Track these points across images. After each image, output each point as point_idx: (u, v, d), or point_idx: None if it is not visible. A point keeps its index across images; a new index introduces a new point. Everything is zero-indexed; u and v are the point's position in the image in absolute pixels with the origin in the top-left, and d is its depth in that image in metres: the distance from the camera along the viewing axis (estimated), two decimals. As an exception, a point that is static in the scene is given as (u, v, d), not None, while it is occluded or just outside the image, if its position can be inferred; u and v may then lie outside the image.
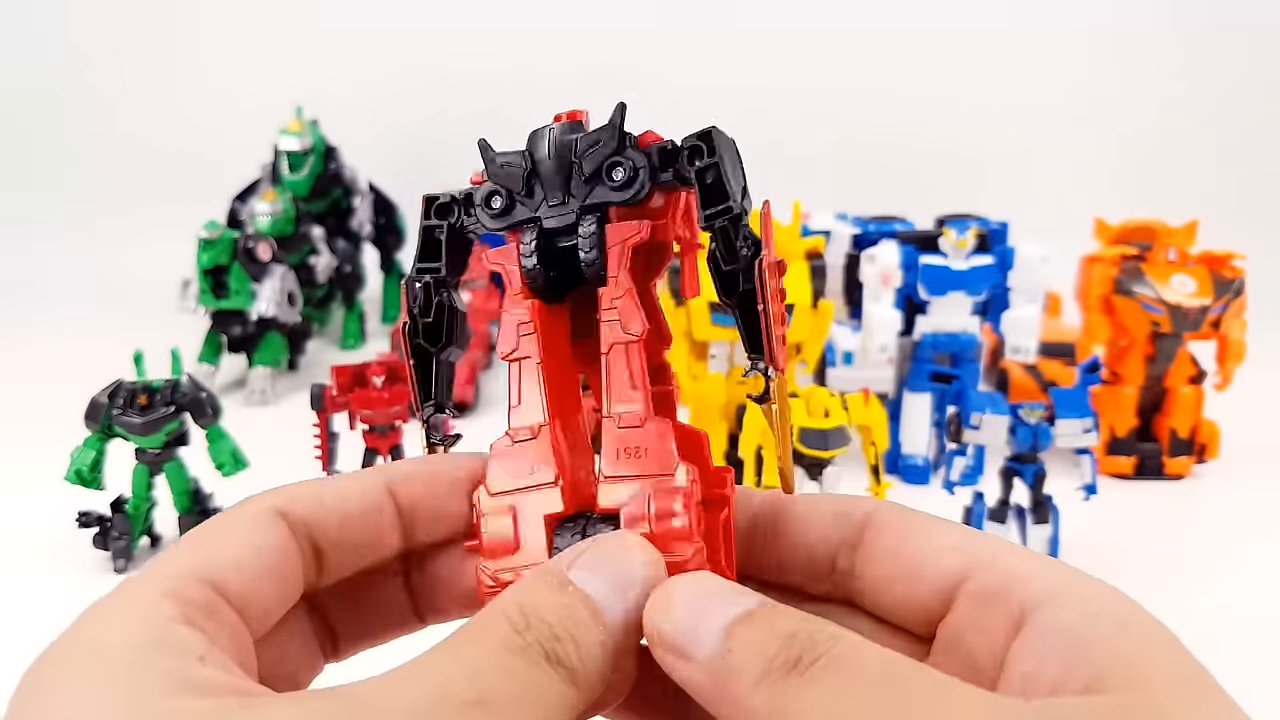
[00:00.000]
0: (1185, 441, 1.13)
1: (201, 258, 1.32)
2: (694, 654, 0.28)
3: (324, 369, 1.05)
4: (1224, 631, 0.79)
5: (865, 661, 0.27)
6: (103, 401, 0.90)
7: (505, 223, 0.36)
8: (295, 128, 1.59)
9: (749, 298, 0.34)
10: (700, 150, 0.34)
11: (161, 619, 0.27)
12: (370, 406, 0.89)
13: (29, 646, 0.27)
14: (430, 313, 0.38)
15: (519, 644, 0.27)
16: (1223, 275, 1.13)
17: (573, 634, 0.28)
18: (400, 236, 1.77)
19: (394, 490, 0.35)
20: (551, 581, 0.30)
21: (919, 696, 0.26)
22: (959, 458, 0.91)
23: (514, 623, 0.28)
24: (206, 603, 0.29)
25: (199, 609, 0.28)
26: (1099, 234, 1.32)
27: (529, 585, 0.30)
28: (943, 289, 1.10)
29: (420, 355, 0.39)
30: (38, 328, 1.69)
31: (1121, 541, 0.96)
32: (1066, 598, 0.29)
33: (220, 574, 0.30)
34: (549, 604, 0.29)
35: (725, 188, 0.34)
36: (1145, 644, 0.27)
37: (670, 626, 0.29)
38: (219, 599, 0.29)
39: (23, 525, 0.98)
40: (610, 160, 0.35)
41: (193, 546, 0.31)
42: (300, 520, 0.33)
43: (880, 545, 0.34)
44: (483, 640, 0.28)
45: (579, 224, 0.35)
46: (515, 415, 0.35)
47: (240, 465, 0.93)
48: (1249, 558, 0.95)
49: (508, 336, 0.36)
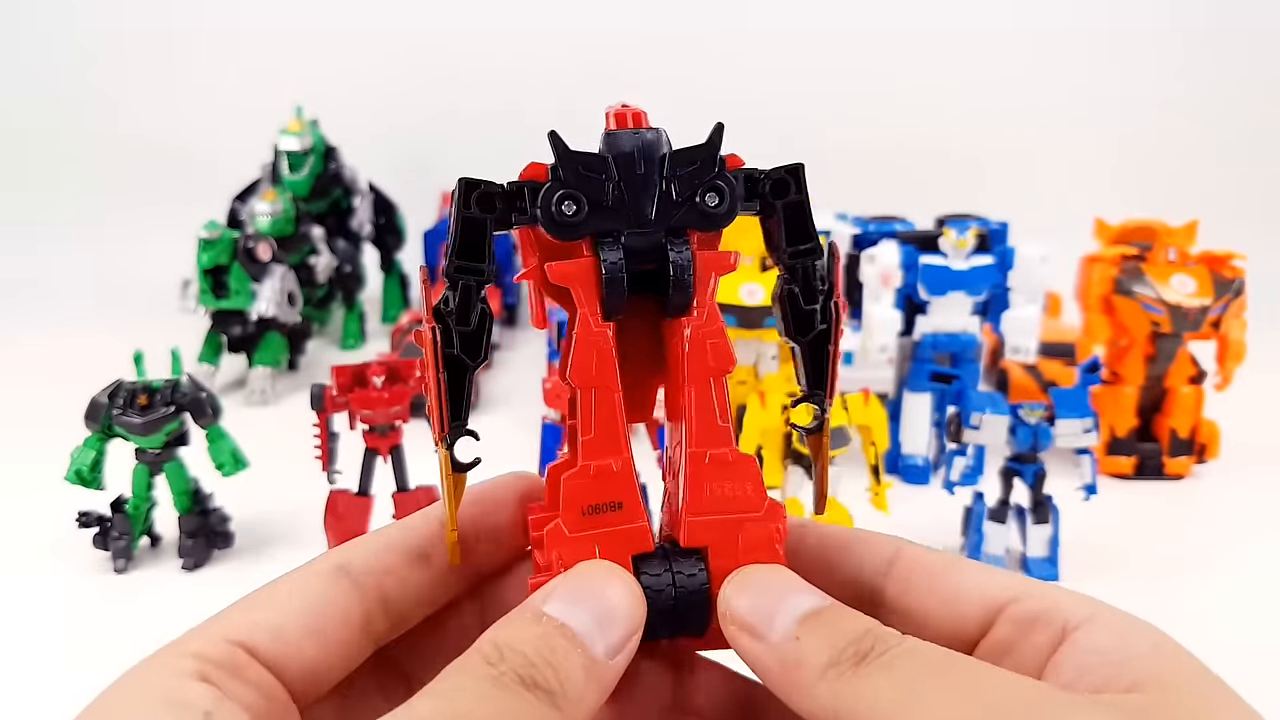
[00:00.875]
0: (1185, 441, 1.13)
1: (201, 258, 1.32)
2: (764, 635, 0.30)
3: (324, 369, 1.05)
4: (1224, 631, 0.79)
5: (931, 653, 0.28)
6: (103, 401, 0.90)
7: (577, 233, 0.33)
8: (295, 128, 1.59)
9: (822, 338, 0.35)
10: (787, 184, 0.34)
11: (176, 676, 0.28)
12: (370, 406, 0.89)
13: (29, 646, 0.27)
14: (470, 320, 0.34)
15: (493, 674, 0.28)
16: (1223, 275, 1.13)
17: (549, 660, 0.29)
18: (400, 236, 1.77)
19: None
20: (526, 616, 0.31)
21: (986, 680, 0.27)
22: (959, 458, 0.91)
23: (487, 656, 0.29)
24: (232, 662, 0.29)
25: (222, 668, 0.29)
26: (1099, 234, 1.32)
27: (505, 622, 0.31)
28: (943, 289, 1.10)
29: (454, 369, 0.34)
30: (37, 327, 1.69)
31: (1121, 541, 0.96)
32: (1103, 621, 0.30)
33: (257, 634, 0.30)
34: (524, 635, 0.30)
35: (809, 226, 0.35)
36: (1178, 665, 0.29)
37: (745, 605, 0.31)
38: (247, 658, 0.30)
39: (23, 525, 0.98)
40: (708, 184, 0.33)
41: (248, 604, 0.32)
42: (363, 574, 0.33)
43: (910, 580, 0.35)
44: (459, 675, 0.29)
45: (668, 247, 0.33)
46: (590, 447, 0.33)
47: (240, 465, 0.93)
48: (1249, 558, 0.95)
49: (584, 362, 0.33)
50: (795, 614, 0.30)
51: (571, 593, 0.31)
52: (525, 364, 1.54)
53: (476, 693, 0.28)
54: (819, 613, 0.30)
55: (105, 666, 0.30)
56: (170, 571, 0.91)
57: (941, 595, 0.34)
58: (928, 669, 0.28)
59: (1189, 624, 0.29)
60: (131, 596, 0.88)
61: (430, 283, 0.34)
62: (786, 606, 0.31)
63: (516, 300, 1.78)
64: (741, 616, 0.31)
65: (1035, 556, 0.90)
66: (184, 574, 0.91)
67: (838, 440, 0.90)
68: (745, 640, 0.31)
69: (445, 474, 0.34)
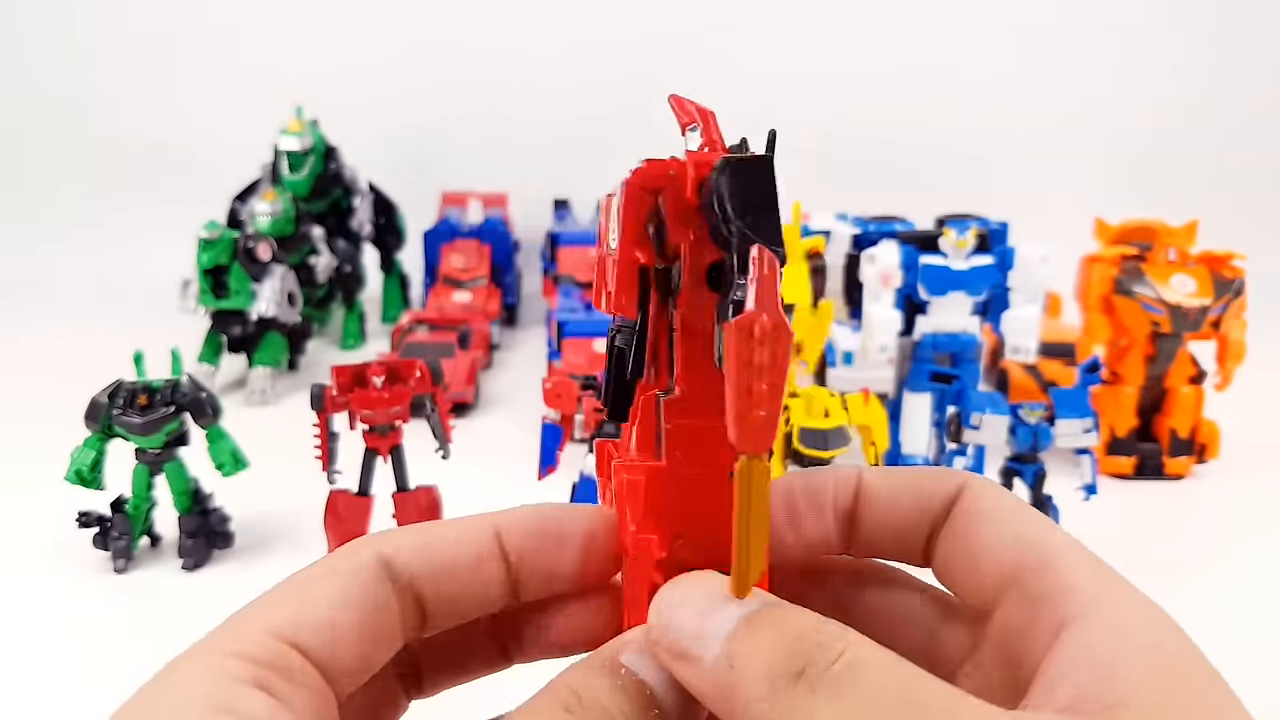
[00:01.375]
0: (1185, 441, 1.13)
1: (201, 258, 1.32)
2: (697, 658, 0.28)
3: (324, 369, 1.05)
4: (1224, 631, 0.79)
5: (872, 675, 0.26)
6: (103, 401, 0.90)
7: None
8: (295, 128, 1.59)
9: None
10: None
11: (229, 682, 0.26)
12: (370, 406, 0.89)
13: (29, 646, 0.27)
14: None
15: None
16: (1223, 275, 1.13)
17: (625, 711, 0.28)
18: (400, 236, 1.77)
19: (504, 542, 0.33)
20: (603, 666, 0.29)
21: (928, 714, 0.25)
22: (959, 457, 0.91)
23: (566, 703, 0.28)
24: (284, 663, 0.27)
25: (274, 670, 0.27)
26: (1099, 234, 1.32)
27: (580, 669, 0.30)
28: (943, 289, 1.10)
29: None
30: (37, 327, 1.69)
31: (1121, 542, 0.96)
32: (1102, 615, 0.28)
33: (306, 633, 0.28)
34: (599, 685, 0.29)
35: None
36: (1171, 672, 0.27)
37: (670, 633, 0.29)
38: (299, 659, 0.28)
39: (23, 525, 0.98)
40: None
41: (286, 598, 0.29)
42: (405, 571, 0.31)
43: (955, 526, 0.33)
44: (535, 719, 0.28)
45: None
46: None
47: (240, 465, 0.93)
48: (1249, 558, 0.95)
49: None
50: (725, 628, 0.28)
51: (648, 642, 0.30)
52: (525, 364, 1.54)
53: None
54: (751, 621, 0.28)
55: (106, 666, 0.30)
56: (170, 571, 0.91)
57: (968, 555, 0.32)
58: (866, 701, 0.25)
59: (1189, 624, 0.29)
60: (131, 596, 0.88)
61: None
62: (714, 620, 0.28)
63: (516, 300, 1.78)
64: (669, 645, 0.29)
65: (1035, 556, 0.90)
66: (184, 574, 0.91)
67: (838, 440, 0.90)
68: (679, 667, 0.28)
69: (760, 491, 0.29)
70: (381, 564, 0.31)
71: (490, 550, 0.33)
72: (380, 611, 0.30)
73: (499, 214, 1.79)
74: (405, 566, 0.31)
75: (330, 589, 0.30)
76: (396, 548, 0.31)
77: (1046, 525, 0.32)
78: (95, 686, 0.73)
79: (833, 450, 0.90)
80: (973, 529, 0.33)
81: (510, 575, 0.33)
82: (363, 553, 0.31)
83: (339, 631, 0.29)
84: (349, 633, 0.29)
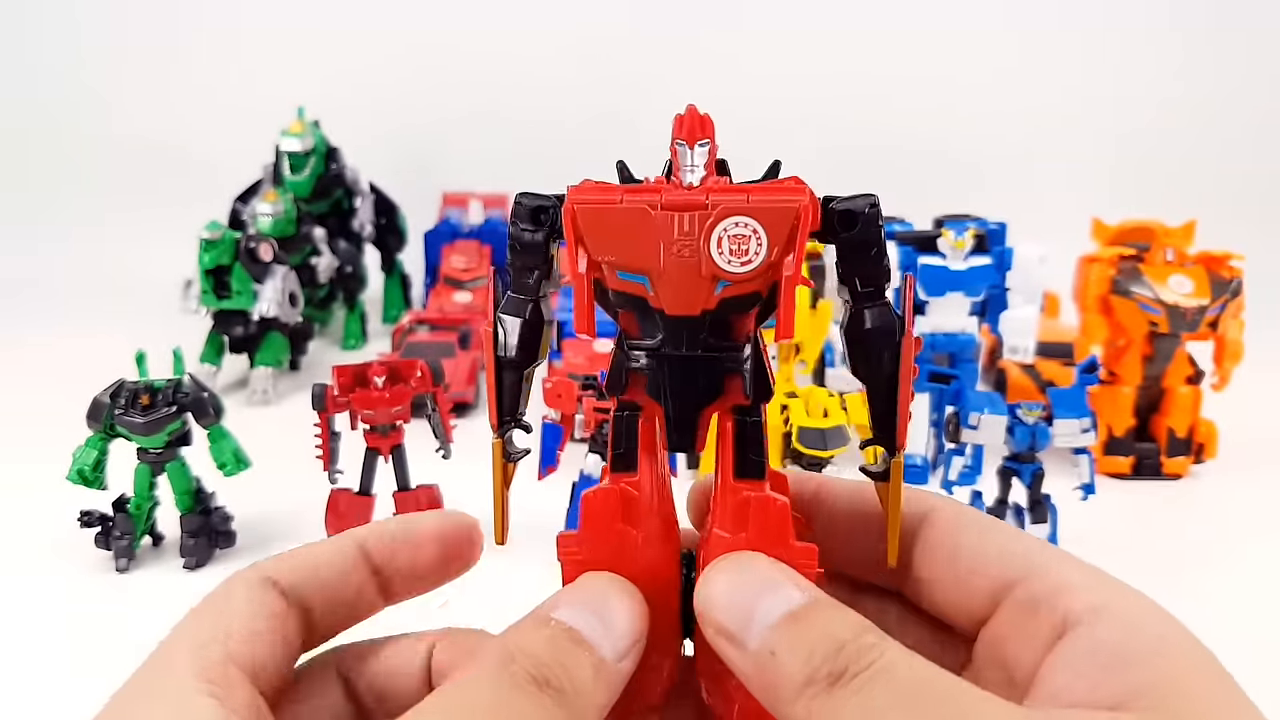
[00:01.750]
0: (1183, 441, 1.13)
1: (203, 258, 1.32)
2: (742, 642, 0.30)
3: (325, 369, 1.06)
4: (1222, 631, 0.80)
5: (904, 676, 0.28)
6: (105, 401, 0.90)
7: None
8: (297, 129, 1.59)
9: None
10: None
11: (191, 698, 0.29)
12: (371, 406, 0.90)
13: (31, 646, 0.28)
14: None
15: (507, 673, 0.29)
16: (1220, 275, 1.13)
17: (560, 660, 0.30)
18: (401, 237, 1.78)
19: (369, 552, 0.36)
20: (536, 620, 0.32)
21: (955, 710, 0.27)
22: (957, 457, 0.92)
23: (501, 657, 0.30)
24: (226, 677, 0.30)
25: (221, 683, 0.30)
26: (1097, 234, 1.32)
27: (516, 627, 0.32)
28: (941, 289, 1.10)
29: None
30: (40, 327, 1.70)
31: (1119, 541, 0.97)
32: (1108, 613, 0.29)
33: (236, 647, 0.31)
34: (534, 638, 0.31)
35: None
36: (1180, 665, 0.28)
37: (717, 613, 0.31)
38: (237, 671, 0.31)
39: (24, 525, 0.99)
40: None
41: (206, 618, 0.32)
42: (290, 586, 0.34)
43: (934, 544, 0.35)
44: (476, 674, 0.30)
45: None
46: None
47: (242, 465, 0.94)
48: (1246, 557, 0.95)
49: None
50: (772, 617, 0.30)
51: (577, 600, 0.32)
52: (525, 364, 1.54)
53: (493, 691, 0.29)
54: (796, 616, 0.30)
55: (107, 666, 0.30)
56: (172, 571, 0.92)
57: (956, 568, 0.33)
58: (898, 697, 0.27)
59: (1187, 623, 0.29)
60: (133, 596, 0.88)
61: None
62: (763, 608, 0.30)
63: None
64: (717, 619, 0.31)
65: (1033, 555, 0.90)
66: (186, 573, 0.91)
67: (837, 440, 0.90)
68: (723, 645, 0.31)
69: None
70: (269, 580, 0.34)
71: (355, 562, 0.36)
72: (280, 619, 0.33)
73: (499, 214, 1.79)
74: (289, 581, 0.34)
75: (241, 604, 0.33)
76: (276, 567, 0.34)
77: (1026, 537, 0.34)
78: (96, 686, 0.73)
79: (832, 450, 0.91)
80: (954, 547, 0.34)
81: (380, 580, 0.36)
82: (253, 573, 0.34)
83: (258, 640, 0.32)
84: (266, 640, 0.32)
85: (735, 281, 0.32)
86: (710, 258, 0.32)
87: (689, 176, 0.32)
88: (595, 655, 0.31)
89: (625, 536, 0.34)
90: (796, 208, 0.32)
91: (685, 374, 0.34)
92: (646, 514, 0.35)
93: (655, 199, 0.32)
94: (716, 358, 0.34)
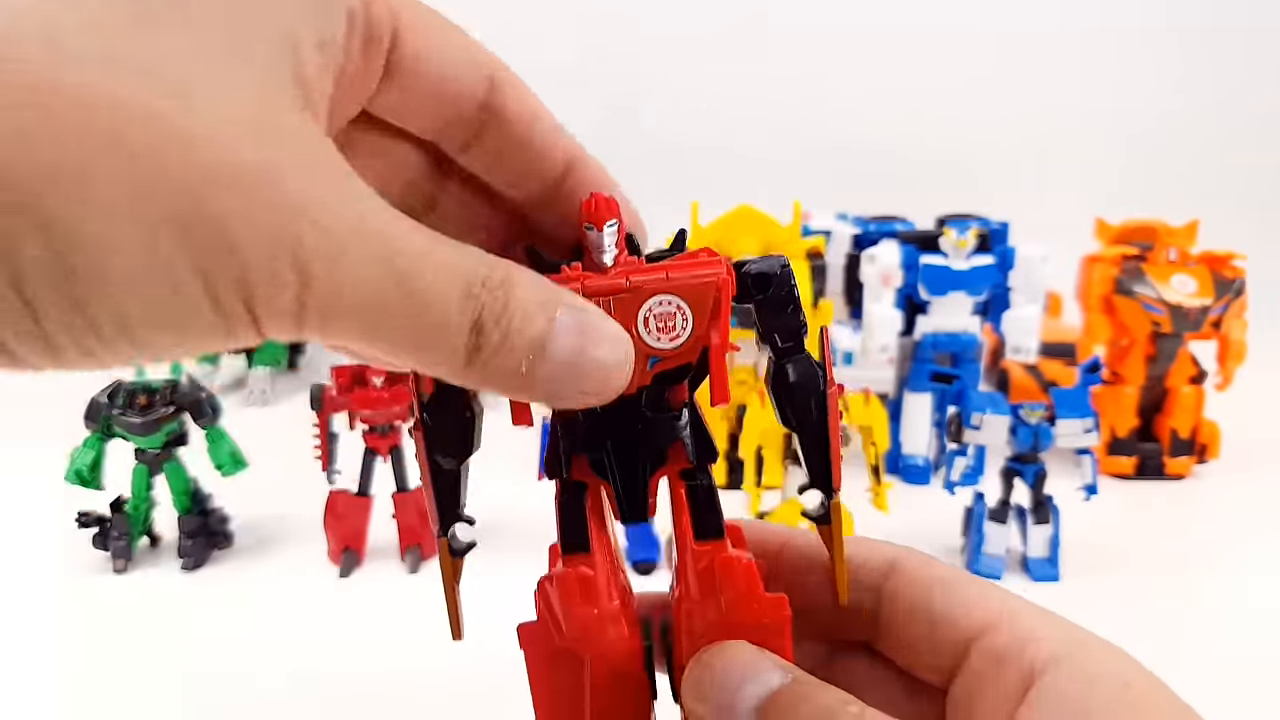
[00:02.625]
0: (1186, 441, 1.13)
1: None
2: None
3: (323, 369, 1.05)
4: (1225, 631, 0.79)
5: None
6: (102, 401, 0.90)
7: None
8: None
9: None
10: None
11: (284, 88, 0.25)
12: (370, 407, 0.89)
13: (28, 646, 0.27)
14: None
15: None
16: (1223, 275, 1.13)
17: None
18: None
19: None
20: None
21: None
22: (959, 458, 0.91)
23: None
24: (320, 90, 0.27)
25: (316, 91, 0.27)
26: (1099, 234, 1.32)
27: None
28: (943, 289, 1.10)
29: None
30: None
31: (1122, 542, 0.96)
32: (1071, 662, 0.29)
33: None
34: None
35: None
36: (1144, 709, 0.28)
37: (703, 708, 0.31)
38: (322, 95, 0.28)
39: (22, 525, 0.98)
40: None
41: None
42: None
43: (901, 596, 0.35)
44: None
45: None
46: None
47: (240, 465, 0.93)
48: (1250, 557, 0.95)
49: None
50: (751, 704, 0.30)
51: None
52: (525, 364, 1.54)
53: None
54: (775, 700, 0.30)
55: (105, 666, 0.30)
56: (170, 571, 0.91)
57: (924, 621, 0.34)
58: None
59: (1189, 624, 0.29)
60: (131, 596, 0.87)
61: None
62: (742, 696, 0.30)
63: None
64: (700, 712, 0.31)
65: (1036, 557, 0.90)
66: (184, 574, 0.91)
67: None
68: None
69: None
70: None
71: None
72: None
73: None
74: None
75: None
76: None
77: (992, 587, 0.34)
78: (95, 686, 0.73)
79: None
80: (920, 601, 0.34)
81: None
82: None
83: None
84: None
85: (666, 357, 0.33)
86: (640, 338, 0.33)
87: (603, 258, 0.33)
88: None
89: (586, 619, 0.35)
90: (716, 280, 0.33)
91: (628, 449, 0.35)
92: (605, 590, 0.35)
93: (576, 287, 0.32)
94: (656, 429, 0.35)
